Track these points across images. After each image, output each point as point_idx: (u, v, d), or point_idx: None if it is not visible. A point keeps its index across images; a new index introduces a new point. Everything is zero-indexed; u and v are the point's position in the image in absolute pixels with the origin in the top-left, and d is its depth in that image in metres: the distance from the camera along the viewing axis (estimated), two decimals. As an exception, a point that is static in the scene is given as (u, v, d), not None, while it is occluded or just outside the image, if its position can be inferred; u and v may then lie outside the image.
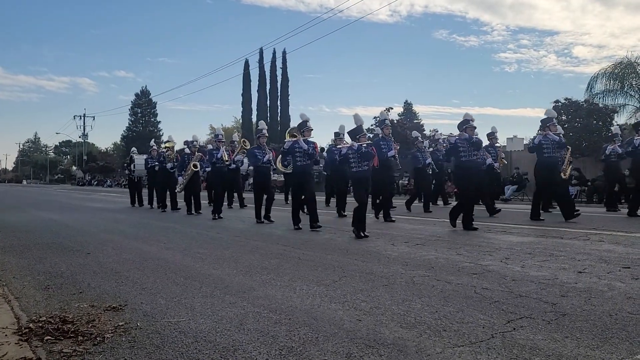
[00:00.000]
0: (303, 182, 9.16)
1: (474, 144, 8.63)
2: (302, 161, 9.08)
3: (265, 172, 10.75)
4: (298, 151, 9.05)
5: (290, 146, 9.07)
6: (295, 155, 9.11)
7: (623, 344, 2.72)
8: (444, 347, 2.72)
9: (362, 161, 7.59)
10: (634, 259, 5.37)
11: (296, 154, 9.08)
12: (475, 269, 5.01)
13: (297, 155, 9.07)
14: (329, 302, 3.78)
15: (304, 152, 9.01)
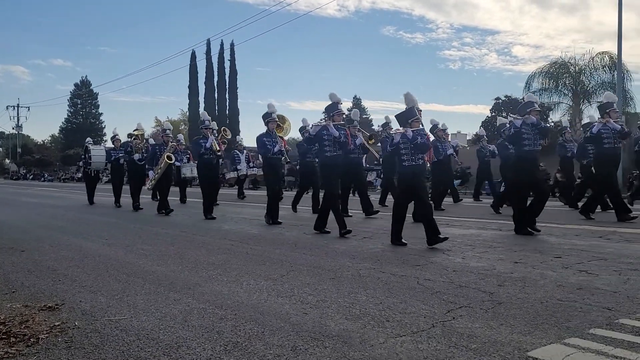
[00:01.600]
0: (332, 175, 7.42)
1: (543, 130, 7.23)
2: (332, 151, 7.41)
3: (276, 164, 9.15)
4: (327, 139, 7.37)
5: (318, 132, 7.39)
6: (324, 143, 7.42)
7: (552, 329, 2.88)
8: (386, 337, 2.79)
9: (416, 153, 6.21)
10: (565, 249, 5.68)
11: (325, 142, 7.40)
12: (419, 261, 5.15)
13: (326, 144, 7.40)
14: (276, 296, 3.79)
15: (335, 140, 7.37)
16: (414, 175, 6.25)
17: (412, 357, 2.50)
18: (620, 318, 3.07)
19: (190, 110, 46.04)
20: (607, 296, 3.60)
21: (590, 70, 25.50)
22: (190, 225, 9.05)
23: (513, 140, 7.42)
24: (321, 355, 2.55)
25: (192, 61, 45.58)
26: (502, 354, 2.51)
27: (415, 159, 6.21)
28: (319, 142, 7.45)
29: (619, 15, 18.29)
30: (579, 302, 3.47)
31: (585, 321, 3.03)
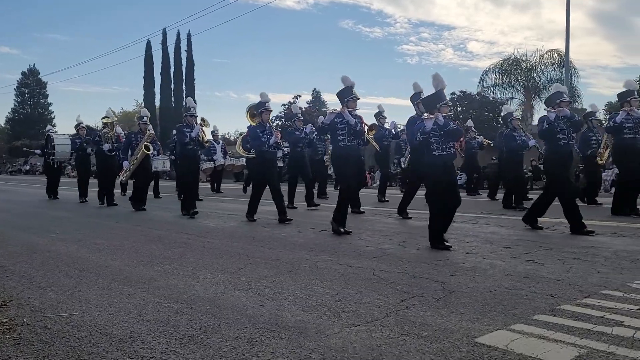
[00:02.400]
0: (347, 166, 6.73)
1: (576, 123, 6.73)
2: (346, 141, 6.63)
3: (270, 158, 8.23)
4: (341, 127, 6.57)
5: (332, 120, 6.63)
6: (337, 132, 6.63)
7: (499, 316, 3.02)
8: (342, 327, 2.85)
9: (447, 141, 5.56)
10: (514, 240, 5.92)
11: (338, 130, 6.61)
12: (375, 252, 5.25)
13: (340, 133, 6.60)
14: (232, 289, 3.79)
15: (350, 129, 6.60)
16: (446, 166, 5.54)
17: (365, 345, 2.57)
18: (562, 304, 3.24)
19: (146, 101, 44.89)
20: (550, 284, 3.79)
21: (541, 67, 26.44)
22: (147, 219, 8.88)
23: (546, 135, 6.68)
24: (277, 346, 2.58)
25: (148, 51, 44.45)
26: (451, 341, 2.61)
27: (447, 148, 5.52)
28: (331, 131, 6.70)
29: (567, 15, 19.01)
30: (525, 290, 3.63)
31: (530, 308, 3.18)
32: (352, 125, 6.59)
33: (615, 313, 3.03)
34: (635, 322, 2.86)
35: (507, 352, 2.45)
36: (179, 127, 9.32)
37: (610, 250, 5.11)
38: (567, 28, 19.22)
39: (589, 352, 2.43)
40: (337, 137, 6.68)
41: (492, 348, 2.50)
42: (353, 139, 6.71)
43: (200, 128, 9.18)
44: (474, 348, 2.51)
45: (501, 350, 2.47)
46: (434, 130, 5.46)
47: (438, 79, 5.65)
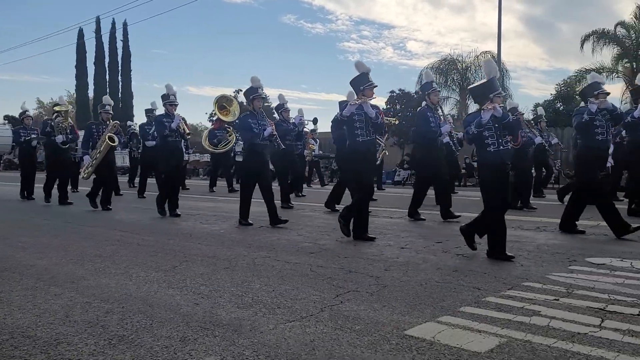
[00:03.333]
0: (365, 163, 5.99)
1: (617, 117, 6.32)
2: (365, 135, 5.92)
3: (263, 152, 7.34)
4: (359, 120, 5.85)
5: (351, 112, 5.85)
6: (355, 125, 5.87)
7: (428, 309, 3.14)
8: (276, 324, 2.87)
9: (504, 135, 4.85)
10: (446, 234, 6.16)
11: (356, 123, 5.86)
12: (313, 248, 5.31)
13: (358, 127, 5.86)
14: (167, 287, 3.72)
15: (369, 121, 5.88)
16: (504, 164, 4.84)
17: (299, 341, 2.60)
18: (487, 296, 3.42)
19: (78, 92, 42.89)
20: (477, 277, 3.98)
21: (475, 68, 27.55)
22: (79, 215, 8.52)
23: (583, 129, 6.11)
24: (210, 344, 2.57)
25: (80, 39, 42.40)
26: (382, 334, 2.70)
27: (504, 143, 4.84)
28: (347, 124, 5.95)
29: (499, 18, 19.91)
30: (453, 283, 3.80)
31: (457, 300, 3.33)
32: (373, 118, 5.87)
33: (534, 304, 3.24)
34: (551, 311, 3.06)
35: (434, 343, 2.57)
36: (157, 117, 8.46)
37: (533, 245, 5.43)
38: (499, 31, 20.14)
39: (508, 341, 2.59)
40: (355, 131, 5.90)
41: (420, 340, 2.61)
42: (372, 133, 6.02)
43: (181, 118, 8.28)
44: (402, 340, 2.61)
45: (428, 342, 2.58)
46: (489, 124, 4.77)
47: (490, 65, 5.11)
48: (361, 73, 6.01)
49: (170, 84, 8.36)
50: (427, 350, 2.47)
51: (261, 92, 7.40)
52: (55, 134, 10.01)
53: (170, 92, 8.27)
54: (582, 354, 2.42)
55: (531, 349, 2.48)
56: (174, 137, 8.16)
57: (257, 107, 7.27)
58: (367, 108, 5.86)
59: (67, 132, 10.05)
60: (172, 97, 8.22)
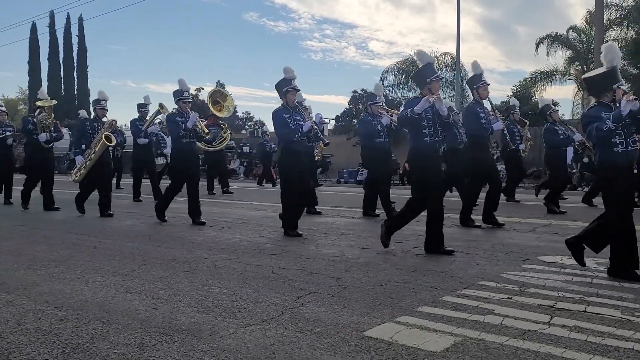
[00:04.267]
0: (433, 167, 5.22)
1: None
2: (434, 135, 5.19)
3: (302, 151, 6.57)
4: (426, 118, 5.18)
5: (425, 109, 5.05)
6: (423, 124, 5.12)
7: (387, 309, 3.20)
8: (236, 328, 2.87)
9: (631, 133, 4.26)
10: (406, 235, 6.26)
11: (424, 122, 5.14)
12: (275, 250, 5.31)
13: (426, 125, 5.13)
14: (124, 292, 3.65)
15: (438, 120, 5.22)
16: (631, 165, 4.32)
17: (259, 345, 2.61)
18: (444, 296, 3.51)
19: (31, 88, 41.32)
20: (435, 276, 4.08)
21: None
22: (31, 218, 8.23)
23: None
24: (169, 350, 2.54)
25: (33, 34, 40.92)
26: (341, 335, 2.73)
27: (632, 142, 4.23)
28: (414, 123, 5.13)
29: (458, 20, 20.37)
30: (412, 283, 3.88)
31: (415, 300, 3.41)
32: (445, 116, 5.13)
33: (488, 302, 3.34)
34: (505, 310, 3.18)
35: (391, 343, 2.62)
36: (169, 116, 7.54)
37: (489, 244, 5.59)
38: (457, 33, 20.59)
39: (463, 340, 2.67)
40: (423, 131, 5.11)
41: (378, 340, 2.66)
42: (441, 133, 5.32)
43: (198, 116, 7.44)
44: (362, 341, 2.65)
45: (386, 342, 2.63)
46: None
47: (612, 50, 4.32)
48: (426, 64, 5.28)
49: (183, 79, 7.47)
50: (385, 351, 2.52)
51: (295, 84, 6.45)
52: (38, 132, 8.94)
53: (184, 87, 7.45)
54: (532, 350, 2.52)
55: (484, 348, 2.56)
56: (189, 138, 7.33)
57: (291, 101, 6.40)
58: (439, 104, 5.08)
59: (50, 130, 8.98)
60: (185, 94, 7.46)
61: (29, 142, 9.32)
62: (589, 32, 23.33)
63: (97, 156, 8.25)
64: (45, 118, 8.95)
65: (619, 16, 22.96)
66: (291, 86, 6.37)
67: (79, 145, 8.54)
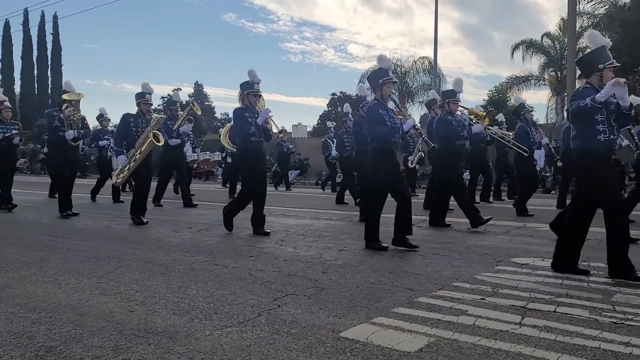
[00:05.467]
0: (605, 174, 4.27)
1: None
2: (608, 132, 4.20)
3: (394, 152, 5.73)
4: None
5: None
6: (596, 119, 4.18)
7: (363, 310, 3.24)
8: (213, 329, 2.87)
9: None
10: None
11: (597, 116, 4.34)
12: (252, 251, 5.30)
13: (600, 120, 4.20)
14: (99, 295, 3.61)
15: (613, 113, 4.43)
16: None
17: (235, 346, 2.62)
18: (419, 297, 3.56)
19: (5, 87, 40.37)
20: (411, 278, 4.13)
21: (414, 73, 28.41)
22: (4, 218, 8.05)
23: None
24: (144, 352, 2.53)
25: (6, 32, 40.06)
26: (317, 337, 2.76)
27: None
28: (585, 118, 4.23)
29: (435, 25, 20.63)
30: (388, 284, 3.93)
31: (390, 301, 3.45)
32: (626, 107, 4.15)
33: (462, 303, 3.41)
34: (478, 310, 3.24)
35: (367, 344, 2.65)
36: (238, 111, 6.64)
37: (464, 246, 5.68)
38: (435, 37, 20.85)
39: (436, 340, 2.72)
40: (595, 127, 4.21)
41: (354, 341, 2.69)
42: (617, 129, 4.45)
43: (269, 111, 6.67)
44: (337, 342, 2.68)
45: (362, 343, 2.66)
46: None
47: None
48: (600, 47, 4.40)
49: (253, 70, 6.67)
50: (360, 352, 2.56)
51: (392, 75, 5.68)
52: (65, 128, 8.04)
53: (255, 79, 6.61)
54: (503, 350, 2.58)
55: (457, 348, 2.62)
56: (257, 137, 6.55)
57: (386, 95, 5.60)
58: (621, 92, 4.08)
59: (78, 127, 8.12)
60: (256, 87, 6.62)
61: (53, 140, 8.41)
62: (563, 39, 23.88)
63: (143, 156, 7.40)
64: (73, 113, 8.07)
65: (591, 24, 23.53)
66: (388, 77, 5.57)
67: (120, 144, 7.56)
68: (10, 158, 9.21)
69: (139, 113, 7.66)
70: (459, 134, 7.23)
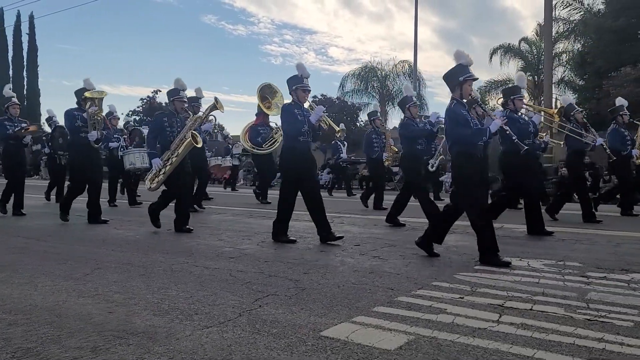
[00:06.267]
0: None
1: None
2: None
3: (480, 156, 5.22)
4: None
5: None
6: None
7: (344, 310, 3.26)
8: (193, 330, 2.85)
9: None
10: (364, 238, 6.37)
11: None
12: (233, 253, 5.29)
13: None
14: (77, 296, 3.56)
15: None
16: None
17: (216, 346, 2.61)
18: (399, 296, 3.60)
19: (-22, 86, 39.49)
20: (391, 278, 4.17)
21: (394, 76, 28.67)
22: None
23: None
24: (124, 353, 2.51)
25: (-19, 30, 39.20)
26: (298, 336, 2.77)
27: None
28: None
29: (415, 29, 20.86)
30: (368, 284, 3.96)
31: (371, 301, 3.48)
32: None
33: (441, 302, 3.45)
34: (456, 309, 3.29)
35: (347, 342, 2.67)
36: (288, 107, 6.11)
37: (443, 247, 5.72)
38: (415, 42, 21.08)
39: (416, 338, 2.75)
40: None
41: (334, 340, 2.71)
42: None
43: (323, 109, 6.14)
44: (318, 341, 2.69)
45: (342, 342, 2.68)
46: None
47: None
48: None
49: (302, 64, 6.15)
50: (340, 350, 2.57)
51: (473, 73, 5.07)
52: (88, 129, 7.44)
53: (304, 73, 6.05)
54: (481, 347, 2.63)
55: (436, 345, 2.65)
56: (306, 137, 5.96)
57: (467, 95, 5.06)
58: None
59: (101, 127, 7.65)
60: (306, 82, 6.09)
61: (74, 141, 7.67)
62: (539, 44, 24.35)
63: (180, 159, 6.75)
64: (96, 112, 7.50)
65: (566, 30, 24.08)
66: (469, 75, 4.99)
67: (154, 146, 6.87)
68: (19, 159, 8.60)
69: (172, 112, 7.00)
70: (529, 134, 6.67)
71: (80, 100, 7.67)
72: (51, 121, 11.59)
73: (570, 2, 23.08)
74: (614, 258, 5.10)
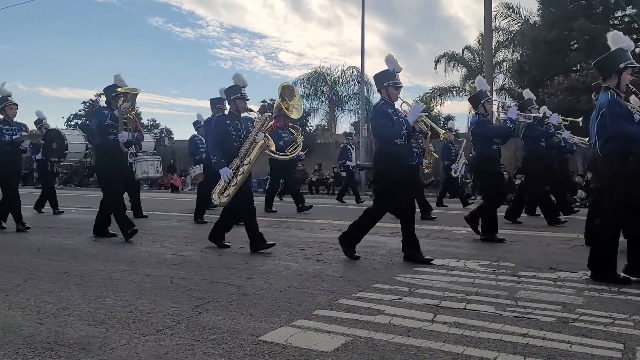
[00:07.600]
0: None
1: None
2: None
3: None
4: None
5: None
6: None
7: (284, 314, 3.29)
8: (130, 338, 2.80)
9: None
10: (309, 242, 6.42)
11: None
12: (176, 260, 5.21)
13: None
14: (6, 308, 3.42)
15: None
16: None
17: (152, 354, 2.58)
18: (340, 299, 3.66)
19: None
20: (334, 281, 4.24)
21: (343, 82, 29.00)
22: None
23: None
24: (54, 365, 2.44)
25: None
26: (237, 341, 2.77)
27: None
28: None
29: (362, 36, 21.23)
30: (311, 288, 4.01)
31: (312, 304, 3.52)
32: None
33: (380, 303, 3.54)
34: (394, 309, 3.38)
35: (286, 346, 2.71)
36: (380, 107, 5.33)
37: (385, 249, 5.88)
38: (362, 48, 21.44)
39: (353, 339, 2.82)
40: None
41: (273, 344, 2.73)
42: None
43: (422, 108, 5.40)
44: (257, 346, 2.71)
45: (281, 345, 2.71)
46: None
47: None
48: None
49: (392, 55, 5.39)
50: (279, 354, 2.60)
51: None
52: (119, 129, 6.49)
53: (396, 68, 5.32)
54: (415, 346, 2.72)
55: (372, 345, 2.73)
56: (404, 140, 5.25)
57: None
58: None
59: (131, 129, 6.66)
60: (397, 77, 5.35)
61: (102, 143, 6.59)
62: (482, 53, 25.30)
63: (252, 167, 5.78)
64: (128, 111, 6.54)
65: (506, 39, 25.15)
66: None
67: (220, 153, 5.77)
68: (14, 166, 7.59)
69: (233, 113, 5.99)
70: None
71: (110, 99, 6.75)
72: (41, 124, 10.33)
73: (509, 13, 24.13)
74: (544, 258, 5.38)
